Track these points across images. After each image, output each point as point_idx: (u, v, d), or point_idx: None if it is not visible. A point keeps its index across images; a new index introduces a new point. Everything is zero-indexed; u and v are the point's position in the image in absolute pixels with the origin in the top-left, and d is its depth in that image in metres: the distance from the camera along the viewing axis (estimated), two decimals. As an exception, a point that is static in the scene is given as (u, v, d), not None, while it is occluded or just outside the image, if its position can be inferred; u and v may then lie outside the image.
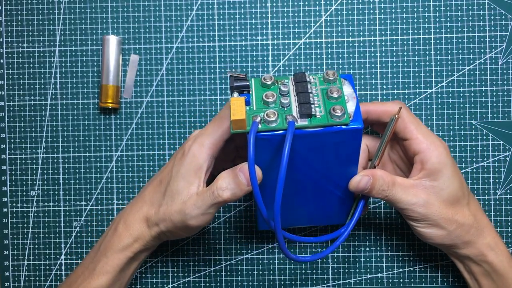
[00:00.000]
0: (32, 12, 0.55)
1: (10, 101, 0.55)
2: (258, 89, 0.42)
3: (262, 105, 0.41)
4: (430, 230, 0.46)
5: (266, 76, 0.42)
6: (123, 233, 0.47)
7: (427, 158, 0.45)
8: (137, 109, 0.55)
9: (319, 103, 0.41)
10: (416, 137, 0.45)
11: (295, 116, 0.40)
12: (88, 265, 0.48)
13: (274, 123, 0.39)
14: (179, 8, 0.55)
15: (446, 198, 0.45)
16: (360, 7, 0.54)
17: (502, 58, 0.54)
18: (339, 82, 0.42)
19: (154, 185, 0.47)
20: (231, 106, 0.40)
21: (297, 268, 0.54)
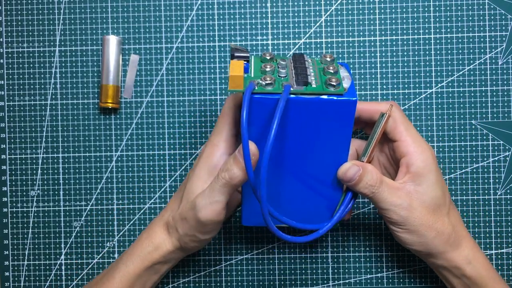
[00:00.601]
0: (32, 12, 0.55)
1: (10, 101, 0.55)
2: (258, 62, 0.43)
3: (260, 74, 0.41)
4: (409, 236, 0.45)
5: (266, 53, 0.44)
6: (145, 241, 0.47)
7: (413, 161, 0.45)
8: (137, 109, 0.55)
9: (316, 77, 0.42)
10: (405, 139, 0.45)
11: (292, 83, 0.41)
12: (108, 271, 0.48)
13: (270, 86, 0.40)
14: (179, 8, 0.55)
15: (428, 204, 0.45)
16: (360, 7, 0.54)
17: (502, 58, 0.54)
18: (335, 64, 0.43)
19: (175, 194, 0.48)
20: (230, 65, 0.40)
21: (297, 268, 0.54)
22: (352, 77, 0.43)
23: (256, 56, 0.44)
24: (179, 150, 0.55)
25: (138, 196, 0.55)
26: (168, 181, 0.55)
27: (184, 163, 0.54)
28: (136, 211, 0.55)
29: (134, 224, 0.55)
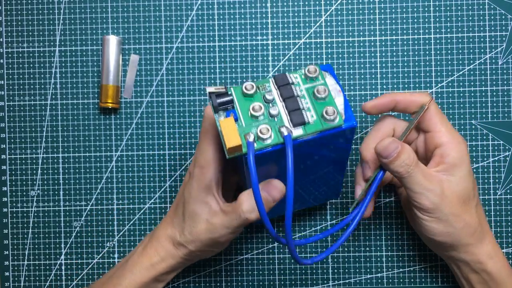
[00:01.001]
0: (32, 12, 0.55)
1: (10, 101, 0.55)
2: (242, 101, 0.40)
3: (251, 120, 0.39)
4: (437, 225, 0.45)
5: (247, 85, 0.40)
6: (151, 252, 0.47)
7: (448, 152, 0.44)
8: (137, 109, 0.55)
9: (308, 105, 0.40)
10: (440, 130, 0.45)
11: (288, 126, 0.39)
12: (113, 279, 0.48)
13: (268, 139, 0.38)
14: (179, 8, 0.55)
15: (459, 195, 0.44)
16: (360, 7, 0.54)
17: (502, 58, 0.54)
18: (321, 77, 0.41)
19: (173, 208, 0.48)
20: (222, 131, 0.38)
21: (297, 268, 0.54)
22: (341, 85, 0.41)
23: (236, 88, 0.40)
24: (179, 150, 0.55)
25: (138, 196, 0.55)
26: (168, 181, 0.55)
27: (184, 163, 0.54)
28: (136, 211, 0.55)
29: (134, 224, 0.55)
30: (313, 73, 0.40)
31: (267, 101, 0.40)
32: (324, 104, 0.39)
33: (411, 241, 0.54)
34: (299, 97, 0.40)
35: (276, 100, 0.40)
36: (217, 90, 0.39)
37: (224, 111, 0.39)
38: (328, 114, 0.39)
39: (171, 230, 0.47)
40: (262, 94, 0.40)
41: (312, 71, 0.40)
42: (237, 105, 0.39)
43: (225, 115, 0.39)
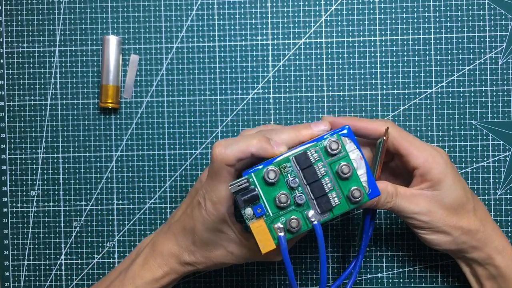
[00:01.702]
0: (32, 12, 0.55)
1: (10, 101, 0.55)
2: (265, 189, 0.39)
3: (277, 209, 0.39)
4: (435, 236, 0.46)
5: (269, 174, 0.39)
6: (154, 267, 0.47)
7: (427, 171, 0.45)
8: (137, 109, 0.55)
9: (333, 184, 0.40)
10: (412, 152, 0.45)
11: (316, 212, 0.39)
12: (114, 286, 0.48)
13: (297, 229, 0.39)
14: (179, 8, 0.55)
15: (449, 205, 0.45)
16: (360, 7, 0.54)
17: (502, 58, 0.54)
18: (343, 149, 0.40)
19: (176, 229, 0.47)
20: (254, 236, 0.39)
21: (297, 268, 0.54)
22: (361, 151, 0.41)
23: (257, 174, 0.39)
24: (179, 150, 0.55)
25: (138, 196, 0.55)
26: (168, 181, 0.55)
27: (184, 163, 0.54)
28: (136, 211, 0.55)
29: (134, 224, 0.55)
30: (335, 150, 0.40)
31: (291, 188, 0.40)
32: (348, 183, 0.40)
33: (411, 241, 0.54)
34: (323, 180, 0.40)
35: (300, 182, 0.40)
36: (240, 186, 0.39)
37: (250, 205, 0.39)
38: (355, 197, 0.39)
39: (177, 249, 0.47)
40: (285, 179, 0.40)
41: (334, 148, 0.40)
42: (262, 197, 0.39)
43: (252, 209, 0.39)
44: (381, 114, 0.54)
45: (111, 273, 0.50)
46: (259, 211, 0.39)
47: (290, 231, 0.39)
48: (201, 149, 0.54)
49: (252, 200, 0.39)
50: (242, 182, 0.38)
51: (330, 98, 0.54)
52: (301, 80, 0.54)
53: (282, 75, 0.54)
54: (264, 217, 0.39)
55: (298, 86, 0.54)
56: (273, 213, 0.39)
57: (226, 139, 0.42)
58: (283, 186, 0.39)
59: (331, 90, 0.54)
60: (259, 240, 0.39)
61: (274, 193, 0.39)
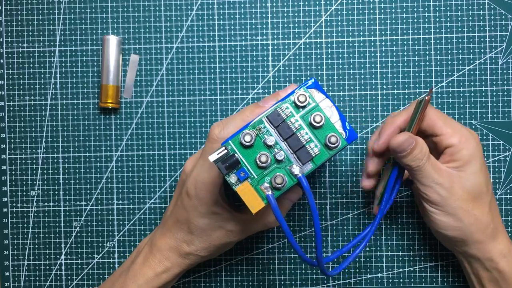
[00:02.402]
0: (32, 12, 0.55)
1: (10, 101, 0.55)
2: (245, 154, 0.40)
3: (260, 170, 0.40)
4: (445, 219, 0.45)
5: (245, 137, 0.40)
6: (155, 263, 0.47)
7: (457, 150, 0.44)
8: (137, 109, 0.55)
9: (308, 136, 0.40)
10: (446, 132, 0.45)
11: (298, 165, 0.40)
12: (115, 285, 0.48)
13: (283, 185, 0.40)
14: (179, 8, 0.55)
15: (470, 190, 0.44)
16: (360, 7, 0.54)
17: (502, 58, 0.54)
18: (312, 99, 0.41)
19: (173, 223, 0.47)
20: (242, 198, 0.39)
21: (297, 268, 0.54)
22: (330, 98, 0.42)
23: (234, 141, 0.40)
24: (179, 150, 0.55)
25: (138, 196, 0.55)
26: (168, 181, 0.55)
27: (184, 163, 0.54)
28: (136, 211, 0.55)
29: (134, 224, 0.55)
30: (303, 102, 0.41)
31: (269, 147, 0.40)
32: (323, 131, 0.40)
33: (411, 241, 0.54)
34: (298, 132, 0.40)
35: (277, 139, 0.40)
36: (219, 154, 0.39)
37: (233, 171, 0.40)
38: (332, 142, 0.40)
39: (174, 242, 0.47)
40: (262, 139, 0.40)
41: (302, 100, 0.41)
42: (243, 161, 0.40)
43: (236, 175, 0.40)
44: (381, 114, 0.54)
45: (112, 275, 0.50)
46: (242, 174, 0.40)
47: (277, 188, 0.40)
48: (201, 149, 0.54)
49: (234, 165, 0.40)
50: (220, 151, 0.39)
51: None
52: (301, 80, 0.54)
53: (282, 75, 0.54)
54: (249, 180, 0.40)
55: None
56: (257, 175, 0.40)
57: (222, 120, 0.44)
58: (261, 147, 0.40)
59: (331, 90, 0.54)
60: (248, 201, 0.39)
61: (254, 155, 0.40)
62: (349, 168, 0.54)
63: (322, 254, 0.42)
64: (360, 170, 0.54)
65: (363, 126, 0.54)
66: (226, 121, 0.44)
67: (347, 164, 0.54)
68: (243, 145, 0.40)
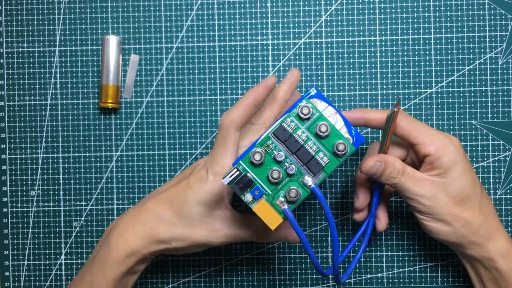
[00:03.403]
0: (32, 12, 0.55)
1: (10, 101, 0.55)
2: (256, 171, 0.41)
3: (274, 186, 0.41)
4: (435, 224, 0.46)
5: (255, 156, 0.40)
6: (119, 246, 0.46)
7: (436, 159, 0.45)
8: (137, 109, 0.55)
9: (316, 146, 0.41)
10: (422, 141, 0.45)
11: (309, 177, 0.41)
12: (85, 277, 0.47)
13: (298, 196, 0.40)
14: (179, 8, 0.55)
15: (455, 194, 0.45)
16: (360, 7, 0.54)
17: (502, 58, 0.54)
18: (315, 110, 0.41)
19: (161, 201, 0.46)
20: (260, 217, 0.40)
21: (297, 268, 0.54)
22: (333, 105, 0.42)
23: (245, 160, 0.40)
24: (179, 150, 0.55)
25: (138, 196, 0.55)
26: (168, 181, 0.55)
27: (184, 163, 0.54)
28: (136, 211, 0.55)
29: (134, 224, 0.55)
30: (307, 113, 0.41)
31: (279, 162, 0.41)
32: (330, 139, 0.41)
33: (411, 241, 0.54)
34: (306, 144, 0.41)
35: (287, 154, 0.41)
36: (232, 177, 0.40)
37: (248, 190, 0.41)
38: (340, 150, 0.40)
39: (152, 225, 0.45)
40: (271, 155, 0.41)
41: (305, 112, 0.41)
42: (256, 179, 0.41)
43: (251, 194, 0.40)
44: (381, 114, 0.54)
45: (85, 263, 0.49)
46: (257, 193, 0.40)
47: (291, 201, 0.40)
48: (201, 149, 0.54)
49: (248, 185, 0.40)
50: (233, 173, 0.40)
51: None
52: (301, 80, 0.54)
53: (282, 75, 0.54)
54: (264, 197, 0.41)
55: (298, 86, 0.54)
56: (271, 191, 0.41)
57: (231, 108, 0.45)
58: (271, 163, 0.41)
59: (331, 90, 0.54)
60: (265, 218, 0.40)
61: (266, 172, 0.41)
62: (349, 168, 0.54)
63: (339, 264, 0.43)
64: (360, 170, 0.54)
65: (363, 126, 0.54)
66: (232, 107, 0.45)
67: (347, 164, 0.54)
68: (254, 163, 0.40)
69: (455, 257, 0.54)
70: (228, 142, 0.44)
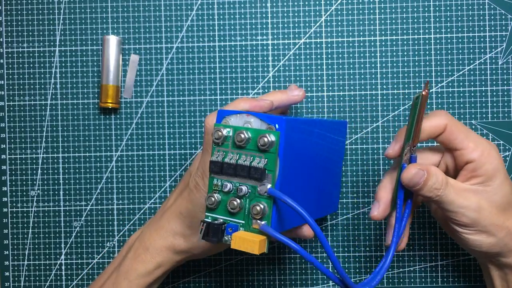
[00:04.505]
0: (32, 12, 0.55)
1: (10, 101, 0.55)
2: (219, 212, 0.40)
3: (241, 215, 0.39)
4: (478, 237, 0.43)
5: (207, 200, 0.40)
6: (147, 259, 0.47)
7: (480, 166, 0.42)
8: (137, 109, 0.55)
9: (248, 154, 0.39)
10: (467, 146, 0.42)
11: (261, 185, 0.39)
12: (109, 286, 0.48)
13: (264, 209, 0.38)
14: (179, 8, 0.55)
15: (499, 203, 0.42)
16: (360, 7, 0.54)
17: (502, 58, 0.54)
18: (226, 127, 0.39)
19: (171, 216, 0.47)
20: (241, 249, 0.39)
21: (297, 268, 0.54)
22: (239, 111, 0.40)
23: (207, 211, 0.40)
24: (179, 150, 0.55)
25: (138, 196, 0.55)
26: (168, 181, 0.55)
27: (184, 163, 0.54)
28: (136, 211, 0.55)
29: (134, 224, 0.55)
30: (219, 137, 0.39)
31: (230, 192, 0.40)
32: (253, 141, 0.39)
33: (411, 241, 0.54)
34: (240, 160, 0.39)
35: (232, 181, 0.40)
36: (202, 233, 0.39)
37: (223, 233, 0.39)
38: (263, 144, 0.38)
39: (171, 237, 0.47)
40: (220, 192, 0.40)
41: (217, 137, 0.39)
42: (225, 218, 0.40)
43: (227, 234, 0.39)
44: (381, 114, 0.54)
45: (104, 272, 0.50)
46: (230, 230, 0.39)
47: (261, 216, 0.38)
48: (201, 149, 0.54)
49: (218, 229, 0.39)
50: (201, 229, 0.39)
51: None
52: (301, 80, 0.54)
53: (282, 75, 0.54)
54: (241, 228, 0.39)
55: (298, 86, 0.54)
56: (243, 219, 0.39)
57: (216, 111, 0.43)
58: (226, 198, 0.40)
59: (331, 90, 0.54)
60: (247, 248, 0.38)
61: (225, 208, 0.39)
62: (349, 168, 0.54)
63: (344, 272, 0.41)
64: (360, 170, 0.54)
65: (363, 126, 0.54)
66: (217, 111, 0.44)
67: (346, 164, 0.54)
68: (212, 208, 0.40)
69: (455, 257, 0.54)
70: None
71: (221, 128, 0.39)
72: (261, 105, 0.44)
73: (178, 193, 0.48)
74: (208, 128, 0.44)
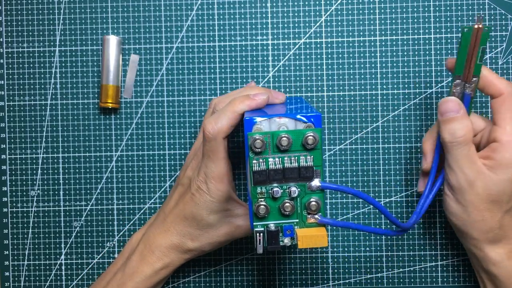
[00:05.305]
0: (32, 12, 0.55)
1: (10, 101, 0.55)
2: (272, 217, 0.40)
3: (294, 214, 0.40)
4: (454, 204, 0.45)
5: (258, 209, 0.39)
6: (153, 261, 0.48)
7: (501, 149, 0.43)
8: (137, 109, 0.55)
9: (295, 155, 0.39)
10: (504, 127, 0.43)
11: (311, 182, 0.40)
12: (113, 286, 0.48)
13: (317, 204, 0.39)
14: (179, 8, 0.55)
15: (492, 192, 0.43)
16: (360, 7, 0.54)
17: (502, 58, 0.54)
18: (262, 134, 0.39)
19: (176, 220, 0.47)
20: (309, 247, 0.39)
21: (297, 268, 0.54)
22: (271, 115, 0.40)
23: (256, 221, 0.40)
24: (179, 150, 0.55)
25: (138, 196, 0.55)
26: (168, 181, 0.55)
27: (184, 163, 0.54)
28: (136, 211, 0.55)
29: (134, 224, 0.55)
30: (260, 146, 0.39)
31: (281, 196, 0.40)
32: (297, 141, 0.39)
33: (411, 241, 0.54)
34: (284, 163, 0.39)
35: (280, 184, 0.40)
36: (261, 243, 0.40)
37: (281, 237, 0.40)
38: (310, 143, 0.39)
39: (178, 239, 0.47)
40: (267, 199, 0.40)
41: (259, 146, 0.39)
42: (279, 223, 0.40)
43: (286, 237, 0.40)
44: (381, 114, 0.54)
45: (105, 274, 0.50)
46: (289, 232, 0.40)
47: (317, 210, 0.40)
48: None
49: (277, 234, 0.40)
50: (259, 239, 0.40)
51: None
52: (301, 80, 0.54)
53: (282, 75, 0.54)
54: (297, 227, 0.40)
55: (298, 86, 0.54)
56: (298, 219, 0.40)
57: (212, 115, 0.44)
58: (274, 203, 0.40)
59: (331, 90, 0.54)
60: (315, 244, 0.39)
61: (277, 212, 0.40)
62: (349, 168, 0.54)
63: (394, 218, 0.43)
64: (360, 170, 0.54)
65: (363, 126, 0.54)
66: (217, 116, 0.44)
67: (346, 164, 0.54)
68: (263, 217, 0.40)
69: (455, 257, 0.54)
70: (219, 151, 0.44)
71: (261, 137, 0.39)
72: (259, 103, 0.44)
73: (178, 195, 0.48)
74: (209, 136, 0.43)
